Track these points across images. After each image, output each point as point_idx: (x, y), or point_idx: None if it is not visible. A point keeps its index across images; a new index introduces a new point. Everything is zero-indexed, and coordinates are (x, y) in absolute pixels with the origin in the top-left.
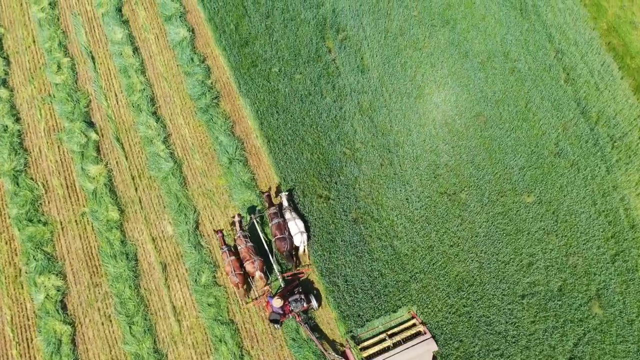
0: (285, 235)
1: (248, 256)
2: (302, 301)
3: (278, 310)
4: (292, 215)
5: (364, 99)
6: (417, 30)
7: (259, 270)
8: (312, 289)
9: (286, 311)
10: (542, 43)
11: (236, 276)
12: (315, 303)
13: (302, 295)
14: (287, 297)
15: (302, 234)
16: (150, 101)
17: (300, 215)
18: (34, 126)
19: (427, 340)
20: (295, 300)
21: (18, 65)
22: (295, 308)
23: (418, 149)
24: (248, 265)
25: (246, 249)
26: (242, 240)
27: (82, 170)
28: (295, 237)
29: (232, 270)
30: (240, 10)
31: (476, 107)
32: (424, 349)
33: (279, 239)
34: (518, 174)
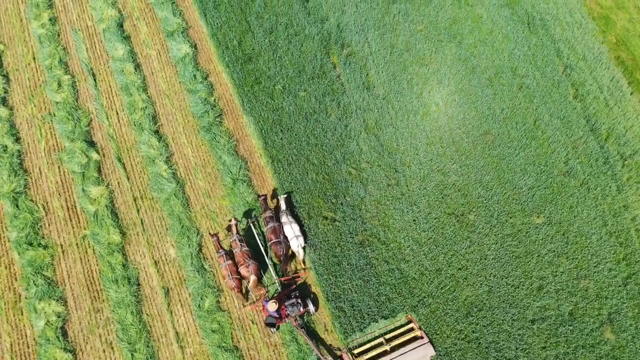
0: (281, 239)
1: (243, 260)
2: (299, 305)
3: (274, 314)
4: (289, 219)
5: (369, 117)
6: (423, 45)
7: (253, 274)
8: (309, 293)
9: (282, 315)
10: (551, 58)
11: (233, 280)
12: (312, 307)
13: (298, 300)
14: (283, 301)
15: (298, 237)
16: (152, 119)
17: (297, 219)
18: (34, 146)
19: (424, 344)
20: (291, 305)
21: (18, 83)
22: (291, 312)
23: (425, 169)
24: (243, 270)
25: (241, 253)
26: (237, 244)
27: (83, 192)
28: (292, 241)
29: (229, 275)
30: (243, 26)
31: (484, 124)
32: (421, 354)
33: (275, 242)
34: (527, 194)
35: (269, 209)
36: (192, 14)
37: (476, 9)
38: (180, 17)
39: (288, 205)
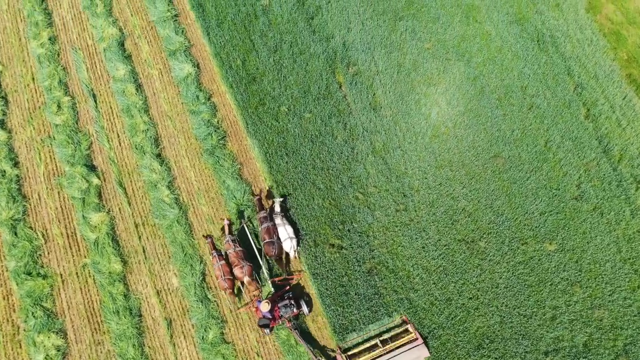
0: (274, 239)
1: (237, 261)
2: (292, 306)
3: (267, 314)
4: (283, 221)
5: (376, 139)
6: (431, 64)
7: (247, 275)
8: (303, 295)
9: (276, 316)
10: (561, 77)
11: (225, 281)
12: (306, 309)
13: (292, 301)
14: (277, 302)
15: (292, 239)
16: (154, 142)
17: (291, 221)
18: (33, 171)
19: (419, 345)
20: (284, 306)
21: (16, 104)
22: (284, 313)
23: (434, 193)
24: (236, 270)
25: (235, 253)
26: (231, 245)
27: (83, 219)
28: (285, 242)
29: (222, 275)
30: (247, 45)
31: (494, 147)
32: (416, 355)
33: (268, 242)
34: (539, 220)
35: (263, 209)
36: (194, 32)
37: (485, 25)
38: (183, 35)
39: (283, 208)
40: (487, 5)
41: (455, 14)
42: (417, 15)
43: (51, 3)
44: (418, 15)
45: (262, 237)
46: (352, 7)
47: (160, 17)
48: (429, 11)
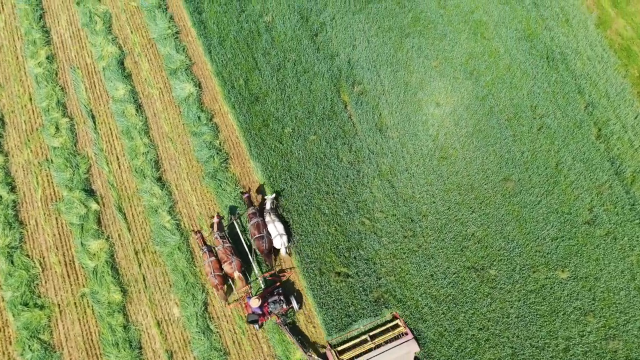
0: (264, 234)
1: (226, 257)
2: (282, 302)
3: (257, 310)
4: (272, 217)
5: (383, 162)
6: (438, 83)
7: (237, 270)
8: (293, 291)
9: (265, 312)
10: (572, 95)
11: (215, 277)
12: (296, 305)
13: (281, 297)
14: (266, 298)
15: (282, 236)
16: (155, 165)
17: (281, 218)
18: (30, 195)
19: (409, 341)
20: (274, 302)
21: (13, 126)
22: (274, 309)
23: (443, 218)
24: (226, 266)
25: (224, 249)
26: (220, 241)
27: (81, 246)
28: (275, 239)
29: (212, 271)
30: (250, 63)
31: (504, 169)
32: (405, 350)
33: (258, 238)
34: (550, 246)
35: (252, 206)
36: (195, 49)
37: (493, 42)
38: (184, 53)
39: (274, 205)
40: (494, 21)
41: (462, 30)
42: (423, 32)
43: (49, 20)
44: (424, 32)
45: (252, 233)
46: (357, 23)
47: (161, 35)
48: (435, 28)
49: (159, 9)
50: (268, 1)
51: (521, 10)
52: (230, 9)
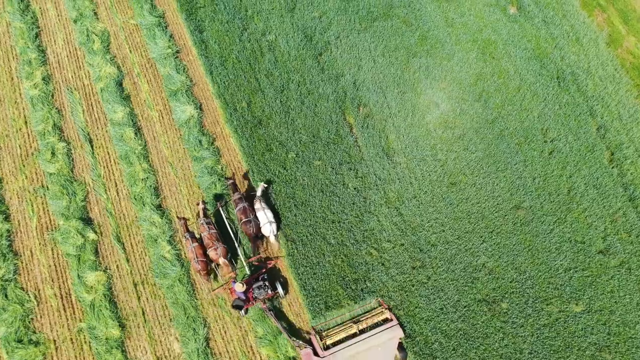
0: (251, 218)
1: (211, 243)
2: (267, 288)
3: (241, 295)
4: (262, 205)
5: (390, 189)
6: (446, 105)
7: (222, 256)
8: (279, 278)
9: (250, 298)
10: (583, 118)
11: (198, 263)
12: (282, 291)
13: (266, 283)
14: (251, 283)
15: (272, 223)
16: (154, 191)
17: (270, 206)
18: (25, 224)
19: (393, 326)
20: (258, 287)
21: (8, 151)
22: (258, 295)
23: (453, 248)
24: (211, 252)
25: (209, 235)
26: (205, 228)
27: (78, 278)
28: (264, 227)
29: (195, 257)
30: (252, 84)
31: (515, 196)
32: (390, 335)
33: (245, 222)
34: (564, 277)
35: (237, 191)
36: (196, 69)
37: (502, 62)
38: (184, 73)
39: (264, 193)
40: (503, 40)
41: (470, 49)
42: (431, 51)
43: (45, 39)
44: (432, 52)
45: (239, 218)
46: (363, 43)
47: (161, 54)
48: (443, 47)
49: (158, 27)
50: (271, 19)
51: (530, 28)
52: (232, 28)
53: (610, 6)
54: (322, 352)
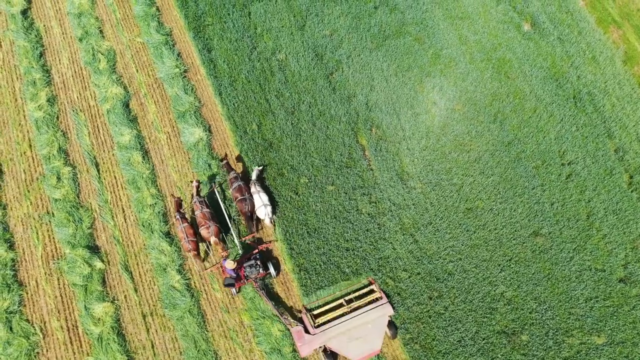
0: (246, 197)
1: (204, 221)
2: (258, 267)
3: (231, 272)
4: (257, 188)
5: (405, 215)
6: (462, 127)
7: (214, 235)
8: (271, 258)
9: (241, 276)
10: (601, 139)
11: (189, 242)
12: (274, 271)
13: (257, 262)
14: (243, 262)
15: (266, 206)
16: (163, 218)
17: (266, 189)
18: (30, 253)
19: (383, 304)
20: (250, 266)
21: (12, 175)
22: (250, 273)
23: (471, 277)
24: (203, 231)
25: (202, 214)
26: (199, 206)
27: (85, 310)
28: (259, 209)
29: (185, 237)
30: (263, 106)
31: (533, 222)
32: (380, 313)
33: (240, 200)
34: (584, 307)
35: (232, 170)
36: (205, 89)
37: (517, 82)
38: (193, 94)
39: (259, 177)
40: (519, 59)
41: (485, 69)
42: (444, 71)
43: (50, 58)
44: (446, 71)
45: (234, 197)
46: (375, 62)
47: (168, 74)
48: (457, 66)
49: (165, 46)
50: (281, 37)
51: (546, 46)
52: (242, 46)
53: (625, 22)
54: (313, 329)
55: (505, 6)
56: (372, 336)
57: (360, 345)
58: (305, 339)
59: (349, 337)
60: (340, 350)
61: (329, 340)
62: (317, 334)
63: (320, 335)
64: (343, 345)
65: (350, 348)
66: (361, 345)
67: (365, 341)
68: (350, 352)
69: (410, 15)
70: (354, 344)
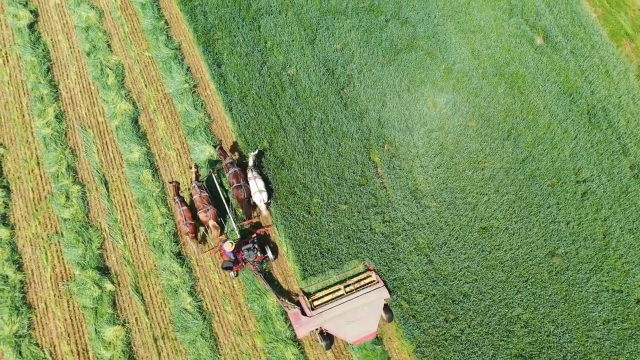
0: (242, 183)
1: (202, 205)
2: (256, 250)
3: (230, 255)
4: (254, 174)
5: (419, 235)
6: (475, 144)
7: (212, 219)
8: (269, 242)
9: (239, 259)
10: (617, 157)
11: (187, 225)
12: (271, 254)
13: (255, 245)
14: (241, 246)
15: (262, 192)
16: (173, 238)
17: (262, 175)
18: (39, 274)
19: (379, 288)
20: (248, 249)
21: (19, 194)
22: (248, 257)
23: (487, 299)
24: (201, 214)
25: (200, 198)
26: (197, 190)
27: (95, 333)
28: (255, 195)
29: (183, 220)
30: (274, 122)
31: (549, 242)
32: (376, 296)
33: (236, 186)
34: (602, 330)
35: (228, 156)
36: (215, 105)
37: (531, 97)
38: (202, 109)
39: (256, 162)
40: (532, 74)
41: (498, 84)
42: (457, 86)
43: (57, 73)
44: (458, 87)
45: (230, 182)
46: (387, 77)
47: (177, 89)
48: (470, 81)
49: (174, 60)
50: (291, 52)
51: (559, 60)
52: (252, 61)
53: (638, 35)
54: (310, 312)
55: (517, 19)
56: (368, 319)
57: (356, 327)
58: (302, 321)
59: (346, 319)
60: (337, 332)
61: (325, 322)
62: (313, 316)
63: (317, 317)
64: (339, 327)
65: (347, 330)
66: (357, 328)
67: (362, 323)
68: (347, 334)
69: (422, 29)
70: (350, 326)
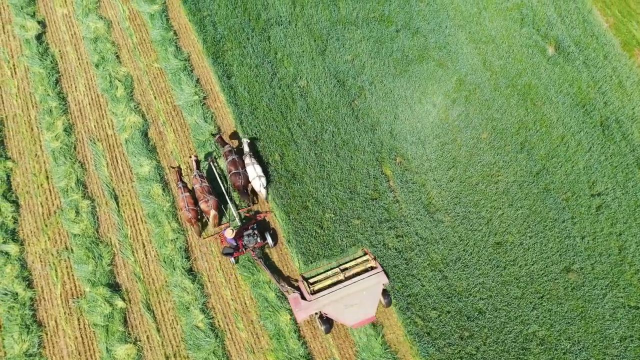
0: (240, 171)
1: (202, 195)
2: (256, 236)
3: (231, 242)
4: (251, 160)
5: (433, 250)
6: (489, 157)
7: (213, 208)
8: (269, 228)
9: (239, 246)
10: (631, 169)
11: (189, 211)
12: (271, 241)
13: (255, 231)
14: (241, 232)
15: (260, 177)
16: (185, 253)
17: (259, 161)
18: (49, 291)
19: (378, 273)
20: (248, 235)
21: (29, 209)
22: (248, 243)
23: (502, 316)
24: (202, 204)
25: (201, 188)
26: (198, 180)
27: (107, 352)
28: (254, 181)
29: (186, 206)
30: (285, 135)
31: (564, 257)
32: (375, 281)
33: (234, 174)
34: (619, 347)
35: (227, 144)
36: (225, 117)
37: (544, 109)
38: (212, 122)
39: (251, 149)
40: (544, 85)
41: (510, 95)
42: (469, 98)
43: (66, 85)
44: (471, 98)
45: (228, 170)
46: (398, 89)
47: (187, 101)
48: (482, 93)
49: (184, 72)
50: (301, 63)
51: (571, 71)
52: (262, 73)
53: None
54: (309, 296)
55: (529, 29)
56: (367, 303)
57: (355, 311)
58: (301, 305)
59: (345, 303)
60: (336, 316)
61: (324, 306)
62: (313, 301)
63: (316, 302)
64: (339, 311)
65: (346, 314)
66: (356, 312)
67: (360, 308)
68: (346, 318)
69: (433, 39)
70: (349, 310)
